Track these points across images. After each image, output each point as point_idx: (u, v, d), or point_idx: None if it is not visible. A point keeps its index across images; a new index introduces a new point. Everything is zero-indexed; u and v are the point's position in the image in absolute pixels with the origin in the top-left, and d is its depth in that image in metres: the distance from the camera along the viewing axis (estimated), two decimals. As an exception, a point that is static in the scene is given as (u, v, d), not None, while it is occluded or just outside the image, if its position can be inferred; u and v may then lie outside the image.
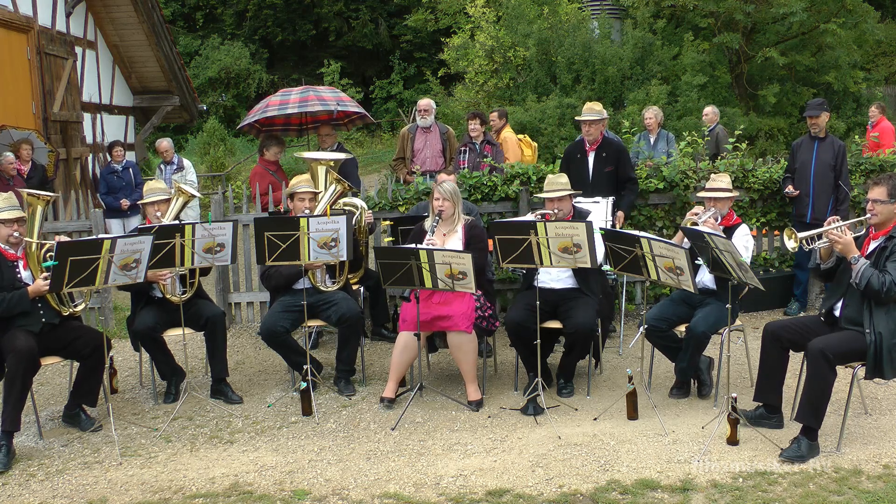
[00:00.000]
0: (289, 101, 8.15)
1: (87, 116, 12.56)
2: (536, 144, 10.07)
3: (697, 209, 5.53)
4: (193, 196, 5.93)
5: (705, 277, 5.43)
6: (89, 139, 12.60)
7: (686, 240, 5.28)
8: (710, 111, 10.39)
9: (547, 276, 5.61)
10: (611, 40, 15.52)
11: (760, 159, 8.16)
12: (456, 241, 5.61)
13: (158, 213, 5.82)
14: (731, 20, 14.79)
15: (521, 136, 9.55)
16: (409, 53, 27.04)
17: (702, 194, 5.67)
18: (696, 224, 5.32)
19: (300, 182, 5.91)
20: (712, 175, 5.74)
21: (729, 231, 5.41)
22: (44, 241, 5.10)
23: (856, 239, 4.56)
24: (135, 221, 9.84)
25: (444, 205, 5.59)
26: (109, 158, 10.37)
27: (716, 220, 5.42)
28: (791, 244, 4.63)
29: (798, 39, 15.60)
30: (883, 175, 4.67)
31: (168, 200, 5.89)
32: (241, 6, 28.01)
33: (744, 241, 5.38)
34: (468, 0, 18.30)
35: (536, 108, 14.21)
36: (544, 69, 15.43)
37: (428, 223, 5.72)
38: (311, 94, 8.19)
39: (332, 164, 6.00)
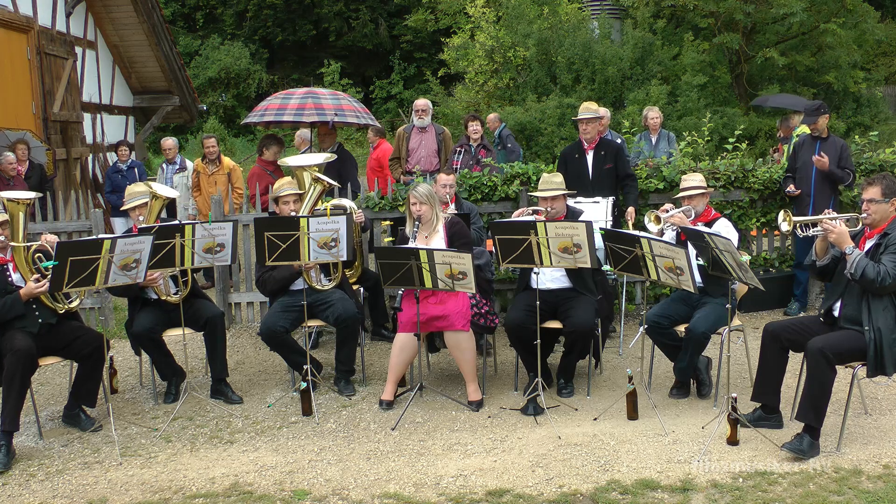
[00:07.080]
0: (287, 106, 8.00)
1: (87, 116, 12.55)
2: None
3: (667, 206, 5.57)
4: (168, 198, 5.82)
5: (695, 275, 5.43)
6: (89, 139, 12.59)
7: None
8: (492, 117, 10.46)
9: (542, 277, 5.60)
10: (611, 40, 15.54)
11: (760, 159, 8.16)
12: (439, 240, 5.59)
13: (141, 218, 5.75)
14: (731, 20, 14.81)
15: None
16: (409, 53, 27.07)
17: (677, 196, 5.73)
18: (659, 219, 5.39)
19: (283, 185, 5.94)
20: (683, 176, 5.78)
21: (708, 226, 5.42)
22: (30, 244, 5.04)
23: (852, 237, 4.57)
24: None
25: (420, 209, 5.56)
26: (115, 158, 10.40)
27: (688, 216, 5.46)
28: (785, 226, 4.65)
29: (798, 39, 15.62)
30: (877, 175, 4.68)
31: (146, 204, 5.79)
32: (241, 6, 28.02)
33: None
34: (468, 0, 18.32)
35: (536, 109, 14.23)
36: (544, 69, 15.45)
37: (408, 229, 5.69)
38: (310, 101, 7.98)
39: (315, 168, 5.97)
